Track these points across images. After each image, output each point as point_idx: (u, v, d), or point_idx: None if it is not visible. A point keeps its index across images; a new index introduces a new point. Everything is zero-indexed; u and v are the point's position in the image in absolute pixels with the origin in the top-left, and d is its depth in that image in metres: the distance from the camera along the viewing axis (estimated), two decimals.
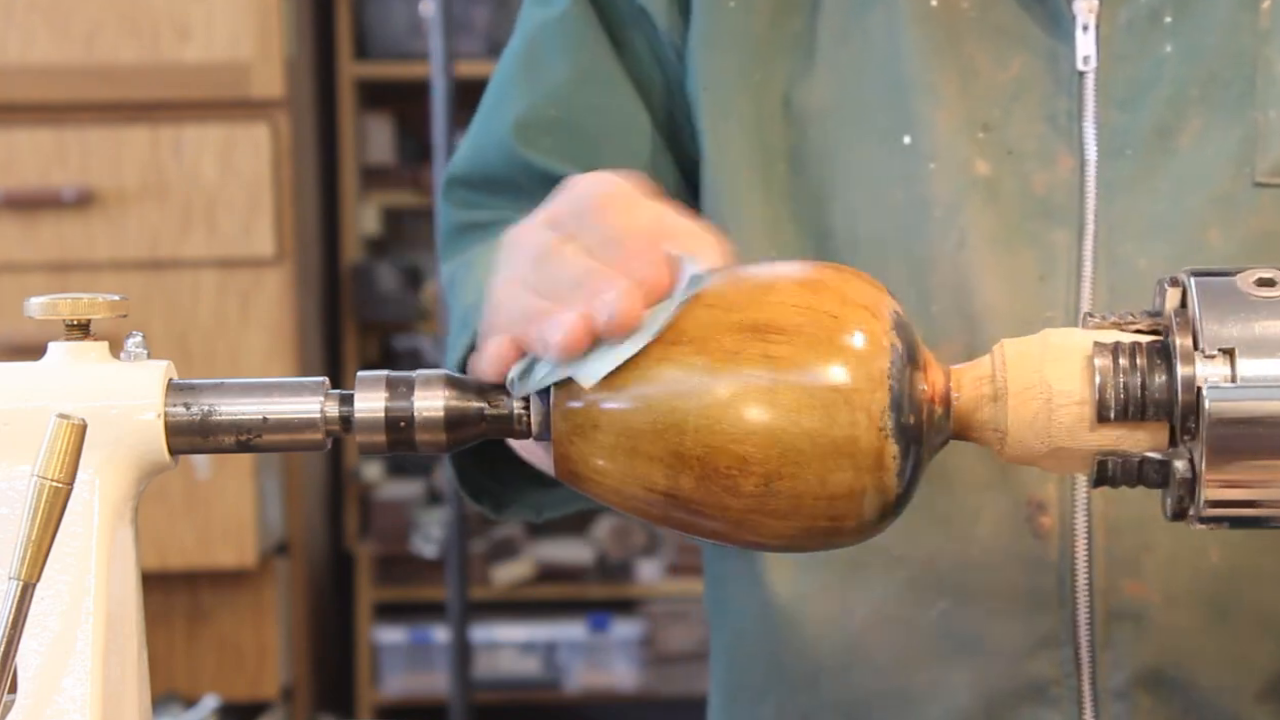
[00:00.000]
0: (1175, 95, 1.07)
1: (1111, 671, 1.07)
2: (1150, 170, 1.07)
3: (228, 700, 3.20)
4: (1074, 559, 1.06)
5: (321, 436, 0.82)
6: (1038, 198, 1.07)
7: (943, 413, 0.82)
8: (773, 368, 0.78)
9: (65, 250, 3.08)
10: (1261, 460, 0.78)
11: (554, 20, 1.18)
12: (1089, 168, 1.08)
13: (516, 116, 1.17)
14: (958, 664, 1.09)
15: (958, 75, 1.09)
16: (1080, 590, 1.06)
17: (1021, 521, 1.06)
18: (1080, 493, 1.06)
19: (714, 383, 0.78)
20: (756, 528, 0.80)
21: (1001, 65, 1.09)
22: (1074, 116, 1.08)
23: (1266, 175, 1.06)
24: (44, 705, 0.77)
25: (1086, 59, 1.08)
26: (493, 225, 1.19)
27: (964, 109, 1.08)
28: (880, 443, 0.79)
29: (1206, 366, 0.78)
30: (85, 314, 0.81)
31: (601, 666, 3.94)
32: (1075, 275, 1.07)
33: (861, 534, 0.81)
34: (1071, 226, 1.07)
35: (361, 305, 3.96)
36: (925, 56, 1.09)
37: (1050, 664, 1.07)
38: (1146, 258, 1.06)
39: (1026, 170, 1.08)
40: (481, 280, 1.13)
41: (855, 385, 0.78)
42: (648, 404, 0.79)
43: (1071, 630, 1.07)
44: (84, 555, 0.79)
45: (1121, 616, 1.06)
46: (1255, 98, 1.06)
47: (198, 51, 3.09)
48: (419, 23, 3.90)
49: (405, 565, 3.92)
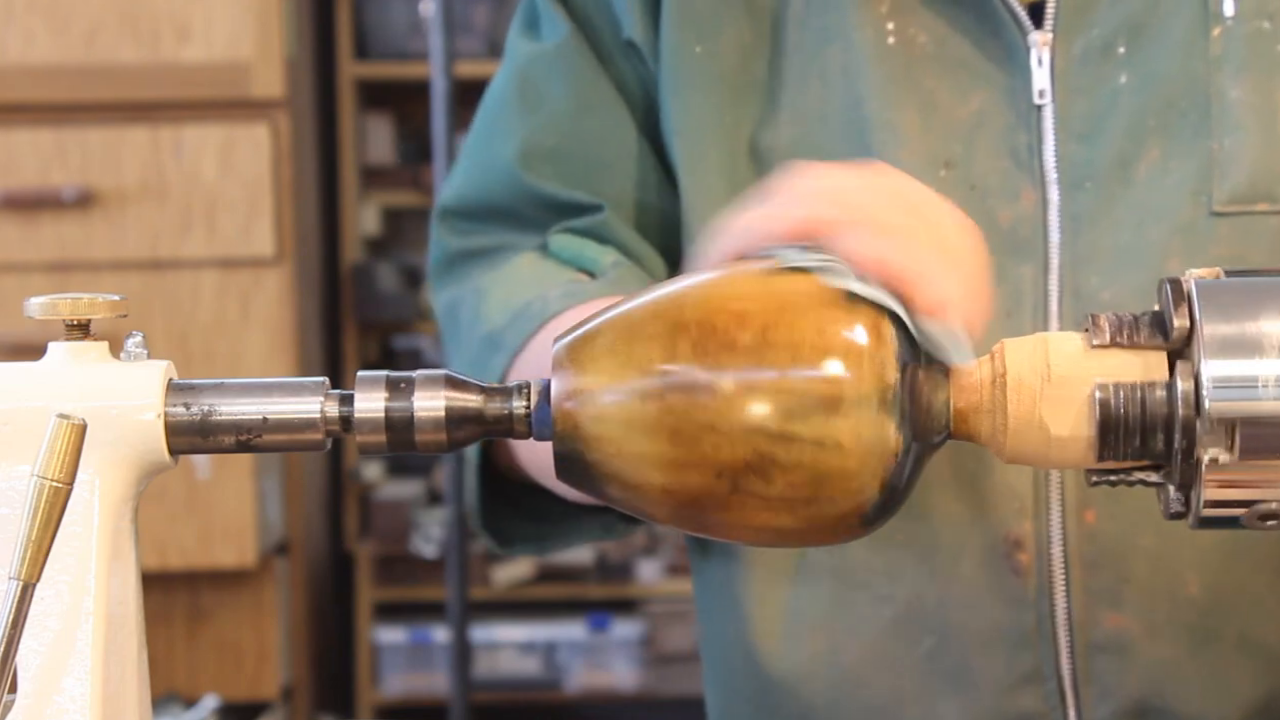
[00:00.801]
0: (1132, 125, 1.08)
1: (1096, 704, 1.07)
2: (1111, 202, 1.07)
3: (228, 700, 3.19)
4: (1052, 594, 1.07)
5: (321, 436, 0.82)
6: (1002, 232, 1.08)
7: (943, 409, 0.82)
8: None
9: (65, 250, 3.08)
10: (1262, 460, 0.78)
11: (549, 52, 1.18)
12: (1051, 201, 1.08)
13: (518, 146, 1.18)
14: (946, 699, 1.09)
15: (918, 111, 1.09)
16: (1060, 625, 1.07)
17: (1000, 559, 1.07)
18: (1055, 529, 1.06)
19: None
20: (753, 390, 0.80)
21: (961, 100, 1.09)
22: (1034, 150, 1.08)
23: (1223, 204, 1.06)
24: (44, 705, 0.77)
25: (1042, 93, 1.08)
26: (495, 251, 1.19)
27: (925, 146, 1.09)
28: (884, 352, 0.79)
29: (1209, 364, 0.78)
30: (85, 314, 0.81)
31: (601, 666, 3.94)
32: (1041, 310, 1.07)
33: (858, 413, 0.80)
34: (1036, 260, 1.07)
35: (361, 305, 3.96)
36: (884, 94, 1.09)
37: (1035, 699, 1.08)
38: (1110, 290, 1.06)
39: (990, 206, 1.08)
40: (507, 305, 1.13)
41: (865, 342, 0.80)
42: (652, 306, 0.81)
43: (1054, 665, 1.07)
44: (84, 555, 0.79)
45: (1103, 649, 1.07)
46: (1210, 126, 1.07)
47: (198, 51, 3.09)
48: (419, 23, 3.90)
49: (405, 565, 3.92)
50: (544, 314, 1.10)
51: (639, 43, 1.15)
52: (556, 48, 1.18)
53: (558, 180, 1.17)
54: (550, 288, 1.12)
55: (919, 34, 1.10)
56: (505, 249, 1.18)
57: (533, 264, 1.16)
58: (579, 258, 1.15)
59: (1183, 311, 0.80)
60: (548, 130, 1.17)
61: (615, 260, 1.14)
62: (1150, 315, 0.82)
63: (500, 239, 1.18)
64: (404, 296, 3.97)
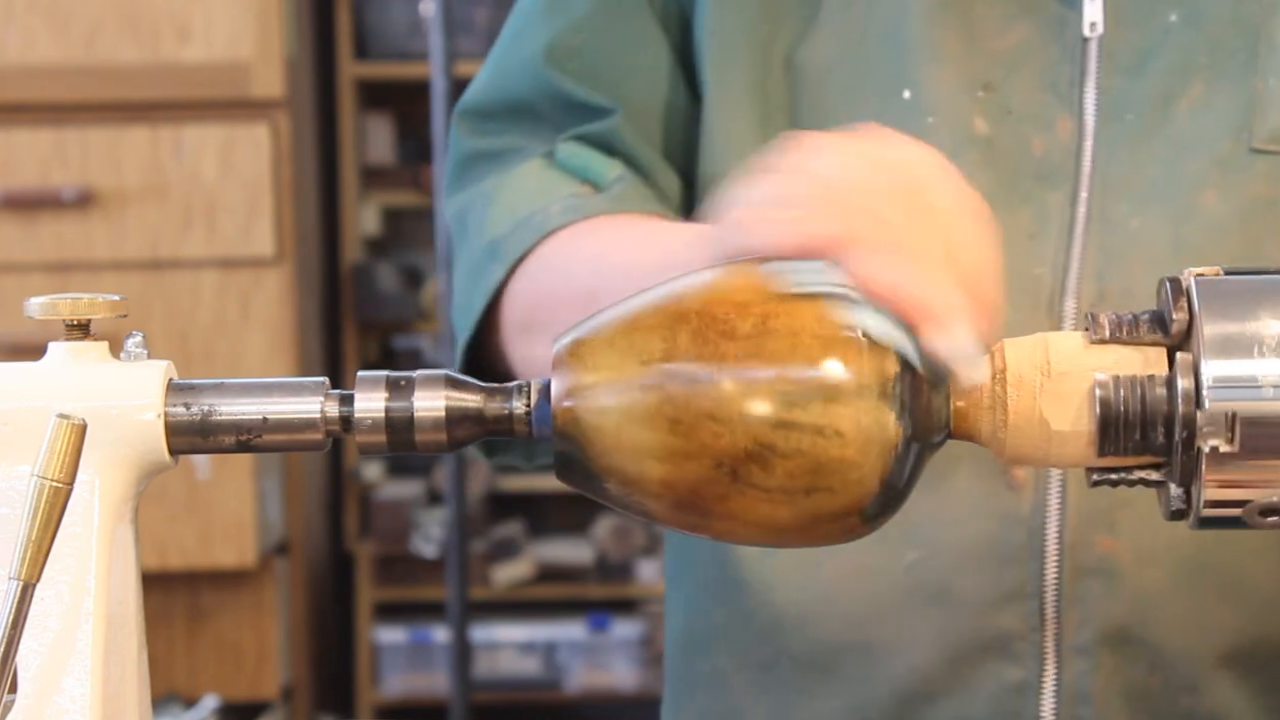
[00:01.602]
0: (1179, 62, 1.08)
1: (1077, 628, 1.07)
2: (1149, 134, 1.08)
3: (228, 700, 3.20)
4: (1045, 513, 1.06)
5: (321, 436, 0.82)
6: (1034, 159, 1.08)
7: (943, 407, 0.82)
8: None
9: (65, 250, 3.08)
10: (1262, 460, 0.78)
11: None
12: (1087, 131, 1.09)
13: (545, 42, 1.18)
14: (924, 616, 1.09)
15: (962, 36, 1.10)
16: (1050, 544, 1.07)
17: (995, 474, 1.07)
18: None
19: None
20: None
21: (1005, 28, 1.10)
22: (1075, 83, 1.09)
23: (1264, 142, 1.07)
24: (44, 705, 0.77)
25: (1093, 25, 1.09)
26: (506, 154, 1.19)
27: (966, 68, 1.09)
28: (883, 360, 0.79)
29: (1209, 363, 0.78)
30: (85, 314, 0.81)
31: (601, 666, 3.94)
32: (1066, 234, 1.07)
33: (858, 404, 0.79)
34: (1066, 187, 1.08)
35: (361, 305, 3.96)
36: (930, 18, 1.10)
37: (1015, 618, 1.08)
38: (1140, 218, 1.07)
39: (1025, 131, 1.09)
40: (511, 213, 1.14)
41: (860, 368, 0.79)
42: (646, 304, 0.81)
43: (1039, 584, 1.07)
44: (84, 555, 0.79)
45: (1090, 573, 1.07)
46: (1258, 65, 1.08)
47: (198, 51, 3.09)
48: (419, 23, 3.90)
49: (405, 565, 3.92)
50: (544, 227, 1.11)
51: None
52: None
53: (579, 79, 1.18)
54: (553, 200, 1.13)
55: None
56: (516, 152, 1.19)
57: (539, 172, 1.17)
58: (585, 169, 1.16)
59: (1182, 308, 0.80)
60: (575, 30, 1.18)
61: (620, 174, 1.15)
62: (1150, 313, 0.82)
63: (514, 140, 1.19)
64: (404, 296, 3.97)
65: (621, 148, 1.16)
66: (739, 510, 0.81)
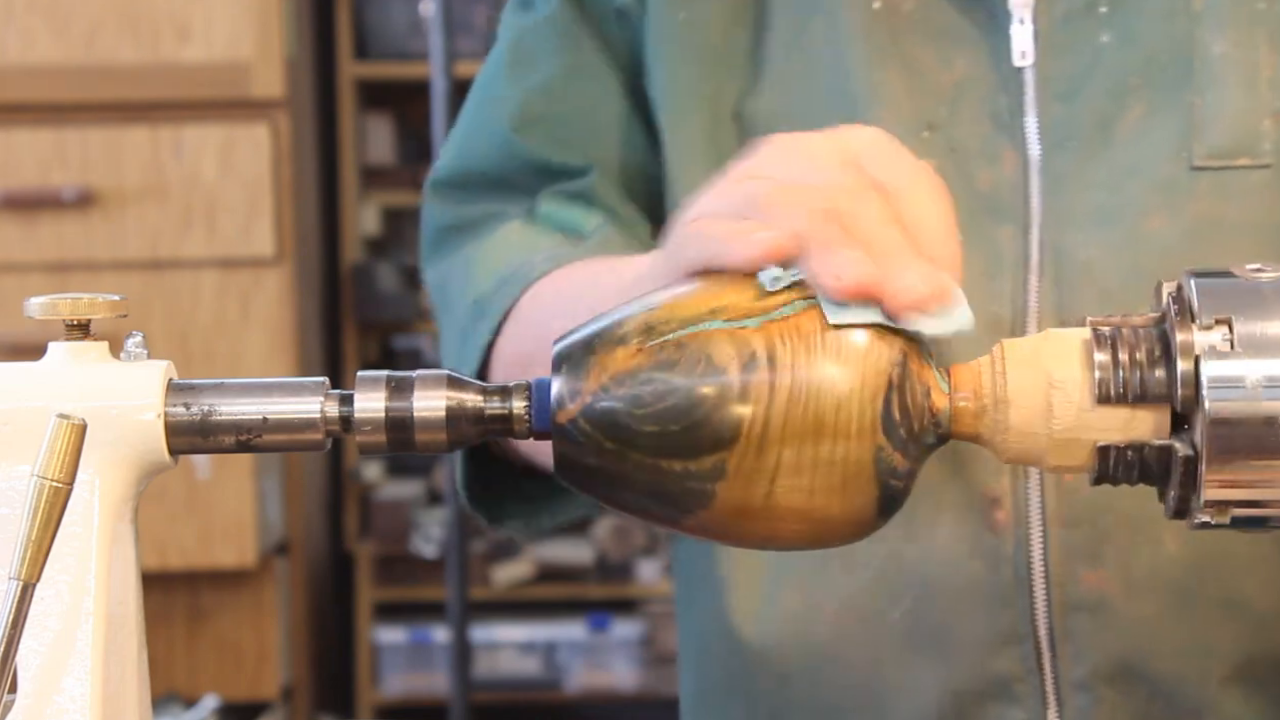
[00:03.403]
0: (1114, 85, 1.08)
1: (1072, 665, 1.07)
2: (1092, 161, 1.08)
3: (228, 700, 3.20)
4: (1030, 551, 1.06)
5: (321, 436, 0.82)
6: (982, 195, 1.08)
7: (943, 408, 0.82)
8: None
9: (65, 250, 3.08)
10: (1262, 460, 0.78)
11: (540, 22, 1.20)
12: (1032, 162, 1.08)
13: (512, 111, 1.19)
14: (924, 662, 1.09)
15: (902, 76, 1.10)
16: (1037, 582, 1.06)
17: (977, 518, 1.07)
18: (1034, 484, 1.06)
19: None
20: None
21: (945, 65, 1.10)
22: (1016, 112, 1.09)
23: (1204, 159, 1.06)
24: (44, 705, 0.77)
25: (1024, 54, 1.09)
26: (483, 222, 1.20)
27: (910, 109, 1.09)
28: (879, 346, 0.79)
29: (1204, 335, 0.78)
30: (85, 314, 0.81)
31: (601, 666, 3.94)
32: (1022, 269, 1.07)
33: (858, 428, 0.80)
34: (1017, 222, 1.08)
35: (361, 305, 3.96)
36: (869, 61, 1.10)
37: (1012, 660, 1.07)
38: (1092, 248, 1.07)
39: (971, 168, 1.08)
40: (494, 271, 1.14)
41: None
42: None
43: (1031, 624, 1.07)
44: (84, 555, 0.79)
45: (1080, 608, 1.06)
46: (1193, 81, 1.07)
47: (198, 51, 3.09)
48: (419, 23, 3.90)
49: (405, 565, 3.92)
50: (528, 278, 1.11)
51: (629, 10, 1.17)
52: (548, 18, 1.20)
53: (549, 144, 1.18)
54: (536, 252, 1.13)
55: (904, 1, 1.11)
56: (494, 218, 1.20)
57: (520, 231, 1.17)
58: (565, 222, 1.16)
59: (1182, 311, 0.80)
60: (540, 95, 1.19)
61: (599, 223, 1.16)
62: (1150, 315, 0.82)
63: (490, 208, 1.20)
64: (404, 296, 3.97)
65: (600, 203, 1.17)
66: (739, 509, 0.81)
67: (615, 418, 0.80)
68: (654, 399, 0.80)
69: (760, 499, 0.80)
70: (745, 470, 0.79)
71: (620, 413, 0.80)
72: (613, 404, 0.80)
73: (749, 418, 0.79)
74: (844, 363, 0.79)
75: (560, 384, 0.81)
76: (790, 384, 0.79)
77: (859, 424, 0.79)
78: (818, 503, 0.80)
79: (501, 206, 1.20)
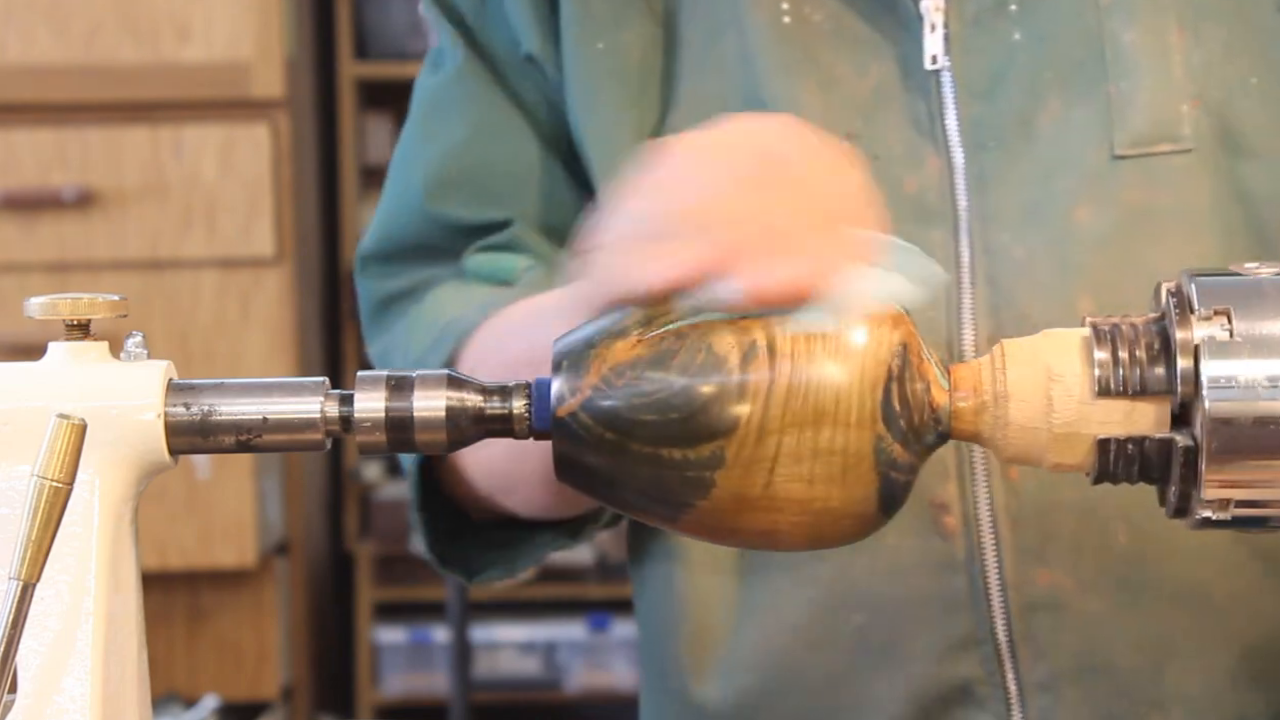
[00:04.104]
0: (1030, 81, 1.08)
1: (1033, 665, 1.07)
2: (1016, 159, 1.08)
3: (228, 700, 3.20)
4: (982, 555, 1.06)
5: (321, 436, 0.82)
6: (909, 199, 1.08)
7: (942, 408, 0.82)
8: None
9: (65, 250, 3.08)
10: (1262, 460, 0.78)
11: (446, 82, 1.20)
12: (956, 164, 1.08)
13: (423, 178, 1.19)
14: (883, 674, 1.09)
15: (817, 88, 1.10)
16: (992, 586, 1.07)
17: (926, 524, 1.07)
18: (981, 488, 1.06)
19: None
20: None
21: (860, 73, 1.10)
22: (935, 116, 1.09)
23: (1125, 147, 1.07)
24: (44, 705, 0.77)
25: (934, 58, 1.09)
26: (415, 290, 1.19)
27: (825, 120, 1.08)
28: (878, 346, 0.79)
29: (1203, 328, 0.79)
30: (85, 314, 0.81)
31: (601, 666, 3.94)
32: (954, 271, 1.07)
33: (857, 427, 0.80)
34: (946, 224, 1.08)
35: None
36: (783, 74, 1.10)
37: (972, 664, 1.08)
38: (1023, 245, 1.07)
39: (895, 173, 1.08)
40: (429, 332, 1.13)
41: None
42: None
43: (989, 627, 1.07)
44: (84, 555, 0.79)
45: (1036, 608, 1.07)
46: (1107, 71, 1.08)
47: (198, 51, 3.09)
48: (419, 23, 3.90)
49: (405, 565, 3.92)
50: (464, 330, 1.10)
51: (538, 56, 1.16)
52: (453, 76, 1.19)
53: (465, 205, 1.18)
54: (469, 306, 1.12)
55: (814, 12, 1.11)
56: (427, 284, 1.19)
57: (453, 290, 1.17)
58: (494, 272, 1.16)
59: (1182, 310, 0.80)
60: (449, 158, 1.19)
61: (528, 264, 1.16)
62: (1150, 315, 0.82)
63: (421, 275, 1.19)
64: None
65: (526, 248, 1.17)
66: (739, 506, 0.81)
67: (615, 409, 0.80)
68: (653, 388, 0.80)
69: (760, 488, 0.80)
70: (744, 458, 0.79)
71: (620, 403, 0.80)
72: (612, 394, 0.80)
73: (749, 405, 0.79)
74: (844, 353, 0.79)
75: (561, 382, 0.81)
76: (790, 372, 0.79)
77: (859, 413, 0.79)
78: (818, 492, 0.80)
79: (431, 272, 1.19)
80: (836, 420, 0.79)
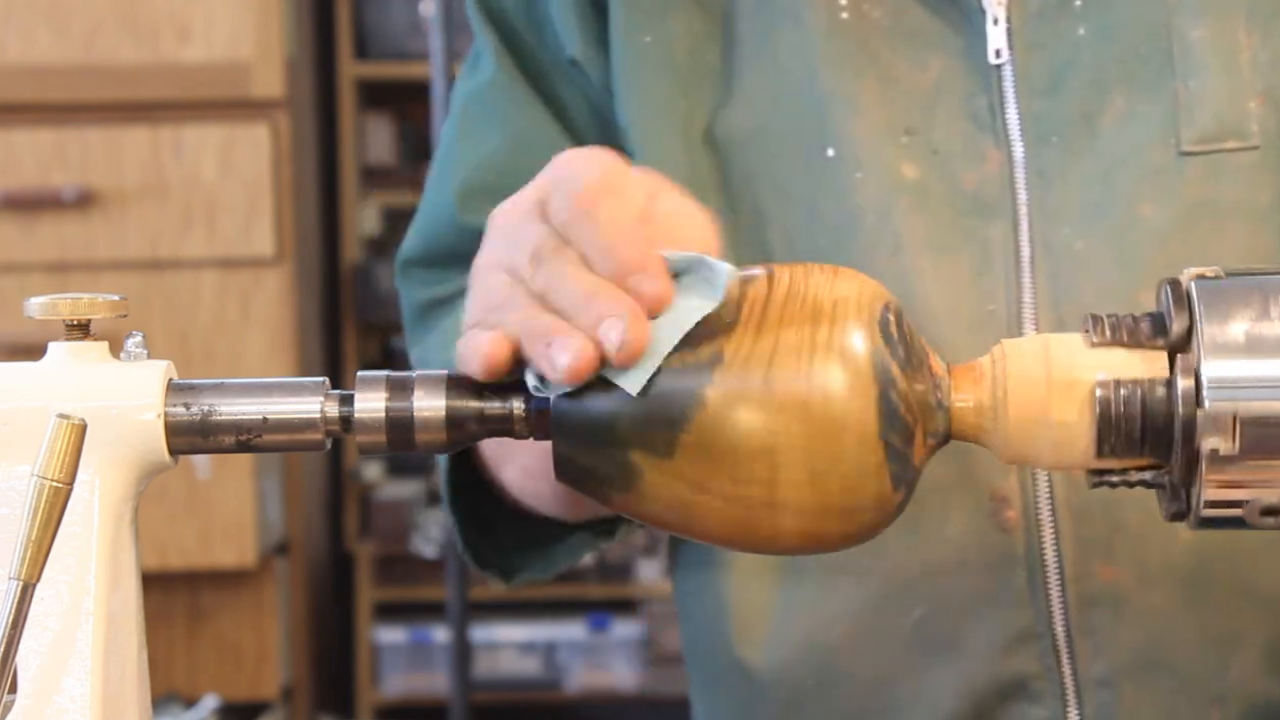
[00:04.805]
0: (1095, 77, 1.08)
1: (1092, 660, 1.07)
2: (1078, 155, 1.08)
3: (228, 700, 3.20)
4: (1042, 550, 1.06)
5: (321, 436, 0.82)
6: (968, 194, 1.08)
7: (943, 408, 0.82)
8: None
9: (65, 250, 3.08)
10: (1263, 460, 0.78)
11: (483, 88, 1.19)
12: (1016, 159, 1.08)
13: (457, 188, 1.19)
14: (939, 667, 1.09)
15: (876, 83, 1.09)
16: (1051, 580, 1.06)
17: (986, 518, 1.06)
18: (1042, 482, 1.06)
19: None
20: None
21: (920, 69, 1.10)
22: (996, 110, 1.08)
23: (1191, 144, 1.07)
24: (44, 705, 0.77)
25: (998, 52, 1.09)
26: (451, 299, 1.19)
27: (884, 115, 1.09)
28: (881, 350, 0.80)
29: (1205, 330, 0.79)
30: (85, 314, 0.81)
31: (601, 666, 3.94)
32: (1014, 267, 1.07)
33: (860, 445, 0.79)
34: (1006, 219, 1.08)
35: (361, 305, 3.96)
36: (840, 69, 1.09)
37: (1029, 659, 1.07)
38: (1084, 240, 1.06)
39: (954, 169, 1.08)
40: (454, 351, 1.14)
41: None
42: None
43: (1048, 622, 1.07)
44: (84, 555, 0.79)
45: (1096, 603, 1.06)
46: (1174, 68, 1.07)
47: (198, 51, 3.09)
48: (419, 23, 3.90)
49: (405, 565, 3.92)
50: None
51: (581, 60, 1.15)
52: (490, 82, 1.19)
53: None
54: None
55: (873, 9, 1.10)
56: (462, 294, 1.19)
57: None
58: None
59: (1182, 310, 0.80)
60: (484, 168, 1.18)
61: None
62: (1149, 315, 0.82)
63: (456, 284, 1.19)
64: None
65: None
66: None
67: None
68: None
69: (759, 383, 0.79)
70: (743, 355, 0.79)
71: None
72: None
73: (746, 305, 0.80)
74: (844, 357, 0.79)
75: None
76: (789, 281, 0.80)
77: (856, 319, 0.79)
78: (816, 384, 0.79)
79: (465, 281, 1.20)
80: (835, 318, 0.80)
